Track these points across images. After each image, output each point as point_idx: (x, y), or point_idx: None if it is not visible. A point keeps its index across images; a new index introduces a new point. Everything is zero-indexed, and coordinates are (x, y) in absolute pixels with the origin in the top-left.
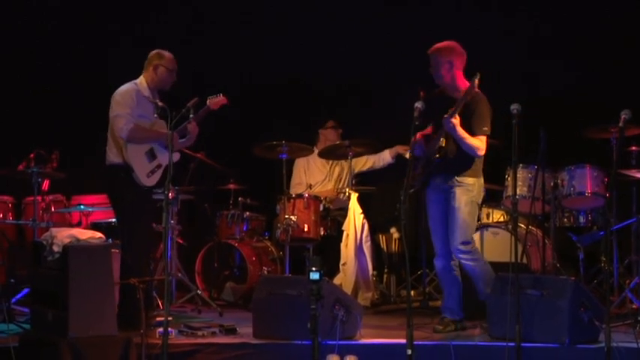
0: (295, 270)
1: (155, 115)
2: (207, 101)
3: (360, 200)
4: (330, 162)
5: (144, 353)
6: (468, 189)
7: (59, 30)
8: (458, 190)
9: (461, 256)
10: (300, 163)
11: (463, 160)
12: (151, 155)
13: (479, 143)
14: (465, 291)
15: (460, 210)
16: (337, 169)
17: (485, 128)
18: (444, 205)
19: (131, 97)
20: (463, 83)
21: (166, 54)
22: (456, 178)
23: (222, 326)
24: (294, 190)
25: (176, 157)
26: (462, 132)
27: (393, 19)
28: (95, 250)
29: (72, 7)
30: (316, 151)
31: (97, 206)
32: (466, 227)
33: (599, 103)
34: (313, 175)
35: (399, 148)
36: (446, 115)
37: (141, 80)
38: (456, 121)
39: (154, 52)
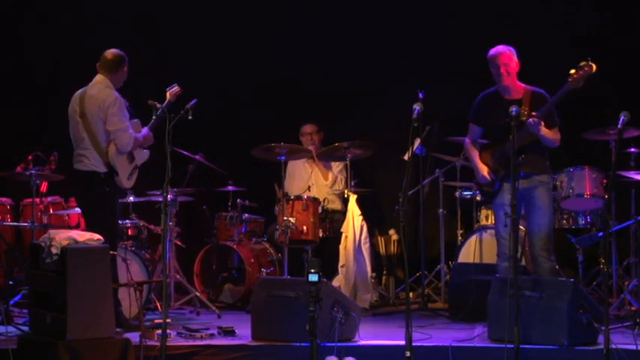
0: (294, 272)
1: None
2: (167, 94)
3: (358, 202)
4: (312, 169)
5: (142, 355)
6: (548, 188)
7: (59, 30)
8: (541, 191)
9: (541, 258)
10: (289, 167)
11: (538, 157)
12: (131, 157)
13: (558, 135)
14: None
15: (544, 212)
16: (320, 175)
17: (557, 119)
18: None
19: (122, 107)
20: (519, 85)
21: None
22: (536, 177)
23: (220, 328)
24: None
25: (145, 155)
26: (545, 130)
27: (394, 19)
28: (93, 252)
29: (76, 8)
30: (309, 155)
31: None
32: (550, 230)
33: (599, 105)
34: (295, 181)
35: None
36: (531, 120)
37: (114, 84)
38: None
39: (117, 52)
